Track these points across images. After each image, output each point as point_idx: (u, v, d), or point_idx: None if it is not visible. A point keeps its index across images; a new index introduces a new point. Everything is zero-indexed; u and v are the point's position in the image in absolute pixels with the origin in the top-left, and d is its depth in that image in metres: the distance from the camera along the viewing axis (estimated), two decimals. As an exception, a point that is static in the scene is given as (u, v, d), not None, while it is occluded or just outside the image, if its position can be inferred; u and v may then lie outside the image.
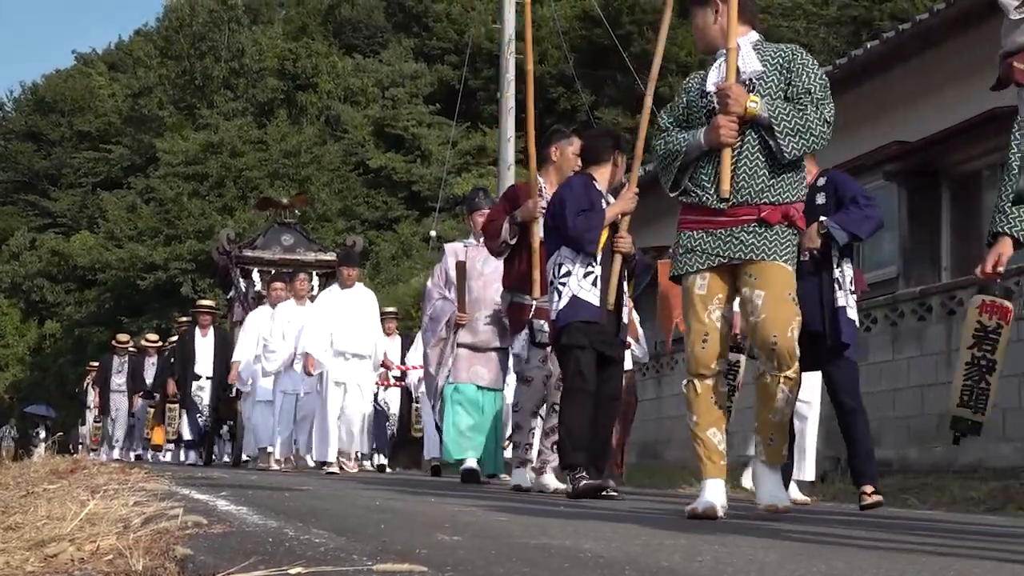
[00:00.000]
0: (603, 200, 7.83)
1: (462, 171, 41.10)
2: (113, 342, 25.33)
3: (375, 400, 15.56)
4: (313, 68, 48.96)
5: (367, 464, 16.39)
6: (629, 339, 9.85)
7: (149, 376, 22.22)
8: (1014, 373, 10.21)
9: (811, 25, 38.78)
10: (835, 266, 7.63)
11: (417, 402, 16.21)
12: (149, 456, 22.28)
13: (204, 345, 18.35)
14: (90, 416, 26.10)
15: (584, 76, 35.62)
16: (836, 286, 7.60)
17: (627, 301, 8.02)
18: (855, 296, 7.82)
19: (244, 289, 20.91)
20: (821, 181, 7.76)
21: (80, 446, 26.14)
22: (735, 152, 5.77)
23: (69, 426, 31.66)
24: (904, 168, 16.00)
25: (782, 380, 5.80)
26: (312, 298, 15.84)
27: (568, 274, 7.61)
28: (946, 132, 14.90)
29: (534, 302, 8.60)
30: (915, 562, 3.79)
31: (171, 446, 20.41)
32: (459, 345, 10.34)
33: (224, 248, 21.36)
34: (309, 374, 13.43)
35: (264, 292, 19.54)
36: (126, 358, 23.89)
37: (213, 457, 19.29)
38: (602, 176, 8.01)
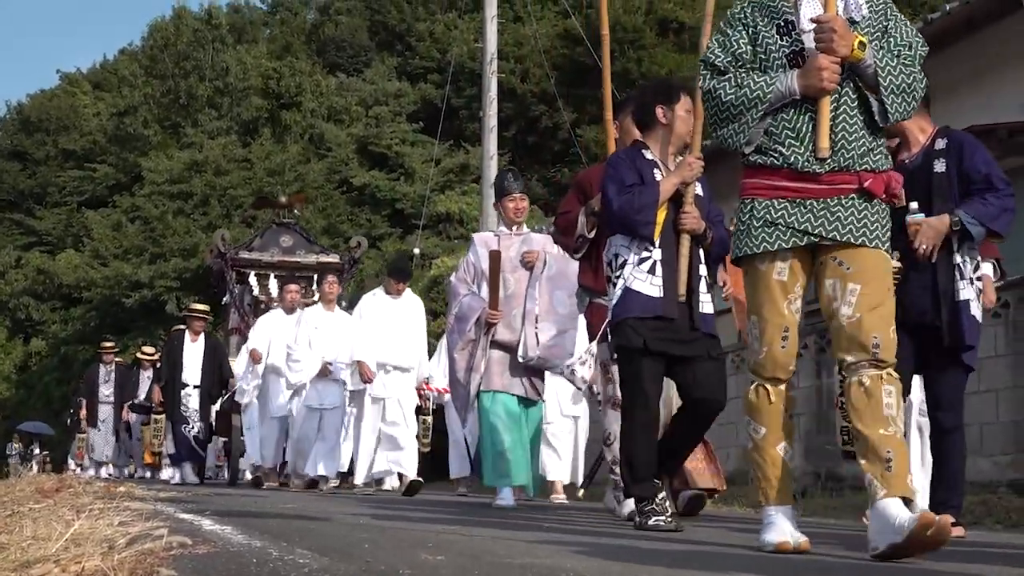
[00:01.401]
0: (656, 171, 6.47)
1: (445, 189, 41.07)
2: (99, 350, 23.73)
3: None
4: (297, 87, 48.92)
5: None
6: None
7: (143, 391, 20.35)
8: (990, 389, 10.27)
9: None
10: (955, 250, 6.40)
11: (427, 414, 14.72)
12: (147, 475, 20.29)
13: (193, 352, 16.67)
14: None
15: (566, 94, 35.65)
16: (957, 274, 6.41)
17: (704, 287, 6.52)
18: (980, 287, 6.59)
19: (239, 294, 19.62)
20: (940, 143, 6.49)
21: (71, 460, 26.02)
22: (830, 106, 4.71)
23: (57, 443, 31.60)
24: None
25: (885, 378, 4.62)
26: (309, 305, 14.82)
27: (624, 264, 6.39)
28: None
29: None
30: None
31: (167, 463, 18.11)
32: (493, 346, 8.91)
33: (219, 250, 19.89)
34: (367, 381, 12.09)
35: (261, 297, 19.01)
36: (112, 367, 22.38)
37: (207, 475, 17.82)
38: (653, 141, 6.66)
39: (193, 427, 16.39)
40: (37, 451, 31.67)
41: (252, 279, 19.60)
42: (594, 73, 32.01)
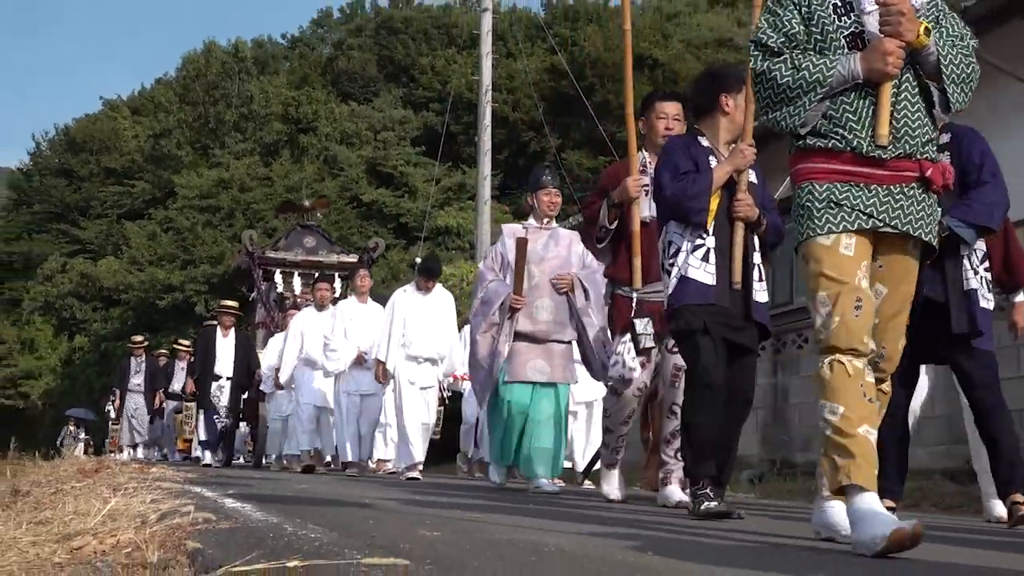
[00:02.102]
0: (711, 158, 5.94)
1: (444, 205, 41.20)
2: (128, 343, 23.45)
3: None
4: (313, 114, 49.01)
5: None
6: None
7: (179, 380, 19.91)
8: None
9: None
10: (958, 244, 6.03)
11: (440, 404, 14.14)
12: (179, 458, 20.17)
13: (225, 346, 16.07)
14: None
15: (552, 122, 35.67)
16: (967, 264, 6.11)
17: (759, 275, 5.91)
18: (988, 277, 6.22)
19: (265, 290, 18.89)
20: (944, 137, 5.61)
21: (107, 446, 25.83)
22: (892, 92, 4.10)
23: (98, 429, 31.52)
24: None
25: (878, 386, 4.15)
26: (335, 301, 14.37)
27: (677, 252, 5.81)
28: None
29: (634, 294, 6.86)
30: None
31: (198, 449, 17.57)
32: (516, 336, 8.34)
33: (247, 249, 19.16)
34: (380, 382, 11.73)
35: (286, 293, 18.39)
36: (143, 358, 21.95)
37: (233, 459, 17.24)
38: (711, 129, 6.11)
39: (222, 418, 15.87)
40: (83, 435, 31.50)
41: (278, 277, 18.94)
42: (577, 103, 32.09)
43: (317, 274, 17.10)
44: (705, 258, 5.74)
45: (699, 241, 5.77)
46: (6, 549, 3.38)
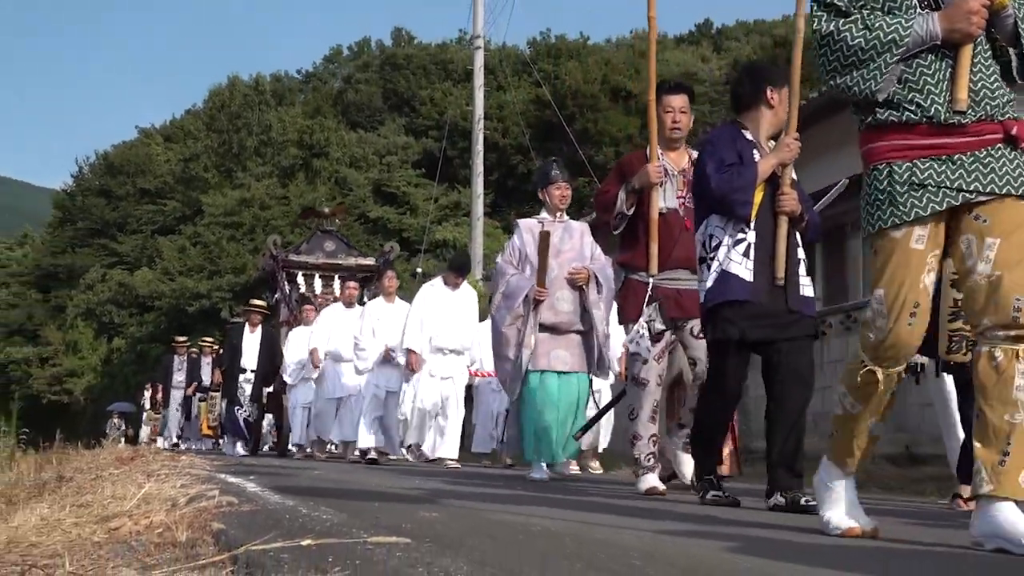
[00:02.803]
0: (755, 151, 5.34)
1: (442, 221, 41.27)
2: (173, 343, 22.71)
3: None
4: (325, 140, 49.00)
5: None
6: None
7: (205, 374, 19.95)
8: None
9: (714, 108, 39.05)
10: None
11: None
12: (202, 446, 19.87)
13: (251, 341, 15.42)
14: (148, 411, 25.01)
15: (537, 147, 35.69)
16: None
17: (804, 269, 5.29)
18: None
19: (288, 291, 18.09)
20: None
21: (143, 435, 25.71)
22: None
23: (136, 420, 31.55)
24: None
25: (1022, 355, 3.32)
26: (362, 303, 13.76)
27: (718, 245, 5.20)
28: (822, 191, 14.98)
29: (651, 279, 6.10)
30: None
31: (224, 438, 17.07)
32: (539, 328, 7.60)
33: (271, 252, 18.45)
34: (413, 370, 10.92)
35: (307, 294, 17.73)
36: (185, 357, 21.47)
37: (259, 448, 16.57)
38: (754, 122, 5.47)
39: (246, 410, 15.19)
40: (123, 427, 31.49)
41: (300, 278, 18.25)
42: (559, 130, 32.12)
43: (337, 276, 16.75)
44: (746, 253, 5.12)
45: (740, 236, 5.16)
46: (52, 529, 3.37)
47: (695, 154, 6.14)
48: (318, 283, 18.56)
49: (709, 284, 5.18)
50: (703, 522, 4.16)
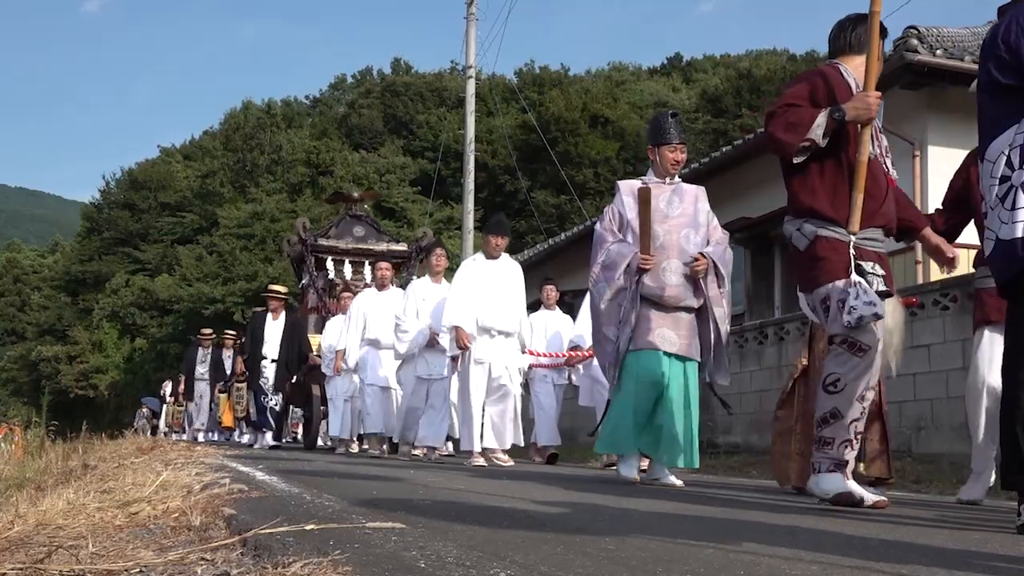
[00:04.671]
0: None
1: (436, 234, 41.37)
2: (198, 336, 20.61)
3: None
4: (330, 160, 49.10)
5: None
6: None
7: (227, 366, 18.37)
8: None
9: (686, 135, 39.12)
10: None
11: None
12: (220, 437, 18.52)
13: (273, 329, 13.46)
14: (168, 403, 23.85)
15: (523, 168, 35.78)
16: None
17: None
18: None
19: (317, 277, 15.79)
20: None
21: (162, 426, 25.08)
22: None
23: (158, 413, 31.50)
24: (748, 236, 16.15)
25: None
26: (403, 286, 11.86)
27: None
28: (776, 212, 15.06)
29: (852, 238, 4.32)
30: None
31: (248, 429, 15.24)
32: (643, 302, 5.90)
33: (300, 236, 16.01)
34: (464, 347, 8.61)
35: (336, 280, 15.57)
36: (209, 349, 19.74)
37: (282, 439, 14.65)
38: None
39: (271, 399, 13.34)
40: (151, 417, 31.24)
41: (329, 264, 15.84)
42: (544, 153, 32.17)
43: (367, 262, 14.82)
44: None
45: None
46: (77, 513, 3.34)
47: None
48: (348, 269, 16.37)
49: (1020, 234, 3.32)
50: (679, 507, 4.15)
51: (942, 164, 11.61)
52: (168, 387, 23.88)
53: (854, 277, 4.28)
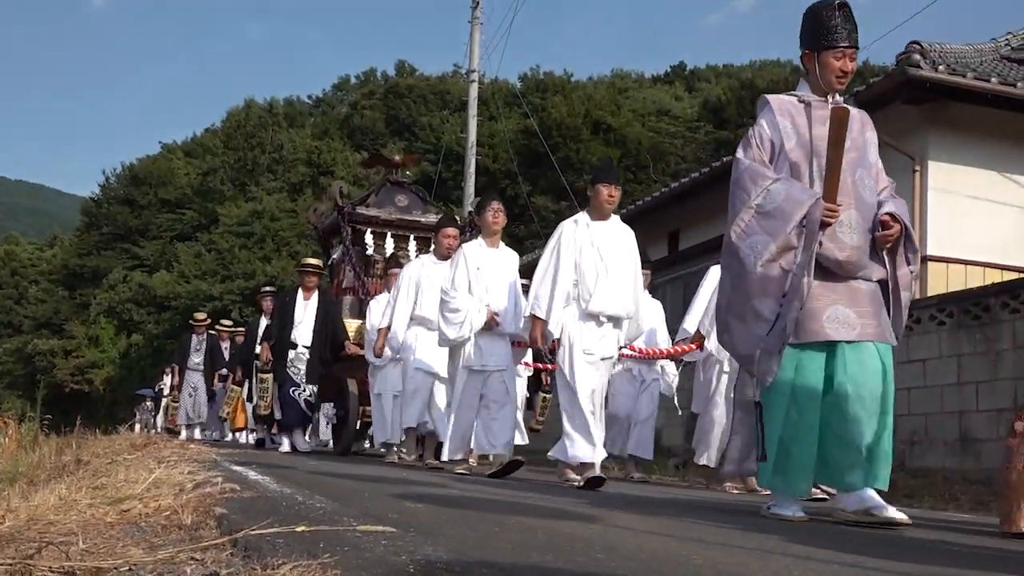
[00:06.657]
0: None
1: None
2: (192, 320, 18.41)
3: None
4: (332, 159, 49.16)
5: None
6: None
7: (224, 356, 16.76)
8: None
9: (686, 143, 39.27)
10: None
11: (547, 391, 10.06)
12: (218, 435, 17.02)
13: (306, 310, 11.25)
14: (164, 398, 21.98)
15: (524, 172, 35.83)
16: None
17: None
18: None
19: (355, 251, 12.56)
20: None
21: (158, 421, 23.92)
22: None
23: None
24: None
25: None
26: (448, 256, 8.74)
27: None
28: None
29: None
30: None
31: (275, 431, 12.01)
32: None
33: (337, 202, 12.86)
34: (537, 347, 7.03)
35: (376, 256, 12.44)
36: (204, 336, 17.54)
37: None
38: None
39: (304, 389, 11.08)
40: (153, 410, 30.81)
41: (368, 237, 12.69)
42: (545, 158, 32.20)
43: (412, 236, 12.75)
44: None
45: None
46: (68, 508, 3.34)
47: None
48: (390, 243, 13.24)
49: None
50: (669, 519, 4.15)
51: (942, 180, 11.62)
52: (167, 380, 21.85)
53: None
